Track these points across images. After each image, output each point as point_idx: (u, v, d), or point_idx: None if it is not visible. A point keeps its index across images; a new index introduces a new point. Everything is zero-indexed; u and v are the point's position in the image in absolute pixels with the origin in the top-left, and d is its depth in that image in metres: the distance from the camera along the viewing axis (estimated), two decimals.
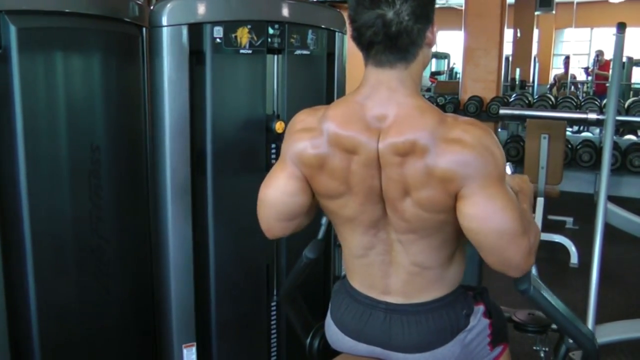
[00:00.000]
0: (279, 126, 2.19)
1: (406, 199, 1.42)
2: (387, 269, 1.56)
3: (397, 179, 1.40)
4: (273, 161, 2.22)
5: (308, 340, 1.83)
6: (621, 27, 2.89)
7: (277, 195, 1.56)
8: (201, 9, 2.01)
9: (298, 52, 2.26)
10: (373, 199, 1.47)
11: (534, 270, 1.69)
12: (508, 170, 1.70)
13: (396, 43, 1.37)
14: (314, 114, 1.51)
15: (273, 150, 2.25)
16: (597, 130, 7.75)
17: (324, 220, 1.81)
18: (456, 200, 1.38)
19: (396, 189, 1.42)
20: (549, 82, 13.69)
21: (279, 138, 2.15)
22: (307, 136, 1.49)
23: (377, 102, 1.42)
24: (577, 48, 16.28)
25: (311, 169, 1.50)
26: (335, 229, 1.65)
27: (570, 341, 1.86)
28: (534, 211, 4.60)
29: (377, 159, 1.42)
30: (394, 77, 1.41)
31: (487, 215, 1.36)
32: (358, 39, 1.41)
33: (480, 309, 1.63)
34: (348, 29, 1.46)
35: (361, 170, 1.44)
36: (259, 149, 2.22)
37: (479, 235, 1.38)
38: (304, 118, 1.53)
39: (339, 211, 1.53)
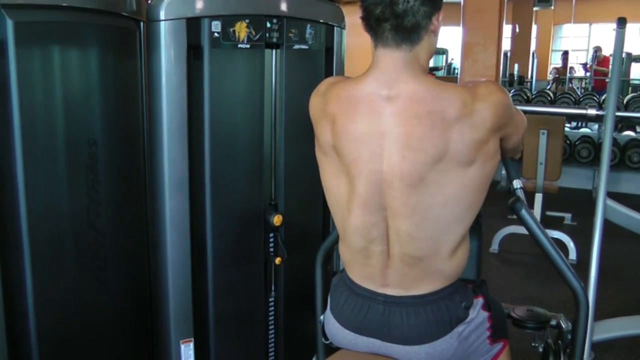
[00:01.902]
0: (276, 220, 2.24)
1: (437, 165, 1.45)
2: (386, 260, 1.56)
3: (428, 147, 1.44)
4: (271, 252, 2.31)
5: (322, 317, 1.82)
6: (621, 22, 2.88)
7: None
8: (199, 3, 2.00)
9: (296, 46, 2.26)
10: (369, 177, 1.50)
11: (522, 197, 1.86)
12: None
13: (402, 22, 1.44)
14: (331, 82, 1.63)
15: (271, 243, 2.30)
16: (596, 126, 7.75)
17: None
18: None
19: (420, 160, 1.45)
20: (548, 76, 13.67)
21: (277, 229, 2.28)
22: (315, 99, 1.64)
23: (385, 82, 1.48)
24: (575, 44, 16.27)
25: (314, 126, 1.64)
26: (333, 218, 1.67)
27: (569, 337, 1.86)
28: (532, 206, 4.61)
29: (380, 137, 1.47)
30: (400, 58, 1.48)
31: (520, 134, 1.68)
32: (366, 18, 1.48)
33: (479, 301, 1.63)
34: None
35: (355, 146, 1.50)
36: (257, 140, 2.21)
37: (514, 144, 1.68)
38: (323, 84, 1.65)
39: (328, 174, 1.62)
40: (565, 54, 12.81)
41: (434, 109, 1.44)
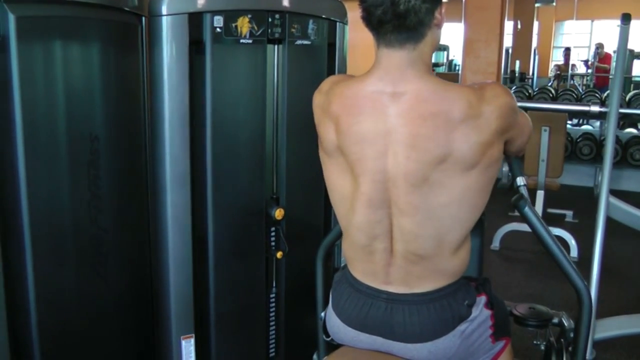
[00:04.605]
0: (278, 213, 2.24)
1: (440, 166, 1.43)
2: (389, 258, 1.56)
3: (431, 148, 1.43)
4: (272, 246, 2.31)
5: (323, 313, 1.81)
6: (626, 18, 2.87)
7: None
8: None
9: (299, 42, 2.25)
10: (372, 177, 1.49)
11: (525, 194, 1.85)
12: None
13: (404, 22, 1.41)
14: (334, 81, 1.60)
15: (272, 237, 2.31)
16: (598, 124, 7.73)
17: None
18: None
19: (423, 161, 1.43)
20: (549, 73, 13.65)
21: (278, 223, 2.27)
22: (318, 98, 1.61)
23: (389, 81, 1.46)
24: (577, 40, 16.25)
25: (317, 126, 1.62)
26: (336, 216, 1.66)
27: (572, 335, 1.85)
28: (533, 203, 4.61)
29: (385, 136, 1.45)
30: (404, 58, 1.45)
31: (525, 137, 1.67)
32: (367, 18, 1.45)
33: (482, 299, 1.62)
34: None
35: (360, 145, 1.48)
36: (258, 137, 2.20)
37: (519, 147, 1.67)
38: (325, 83, 1.62)
39: (332, 174, 1.60)
40: (567, 50, 12.78)
41: (439, 109, 1.42)
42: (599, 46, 11.90)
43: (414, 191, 1.46)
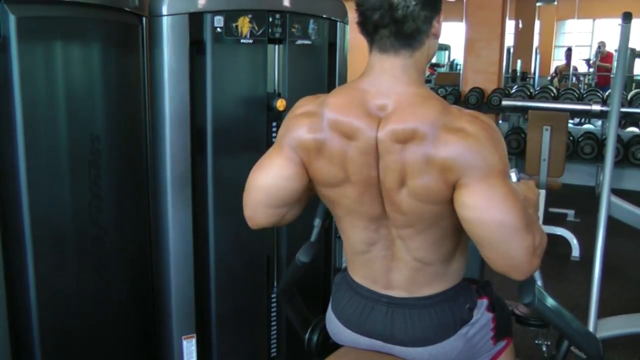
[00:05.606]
0: (280, 104, 2.19)
1: (402, 189, 1.40)
2: (389, 264, 1.54)
3: (394, 168, 1.38)
4: (274, 140, 2.19)
5: (307, 335, 1.81)
6: (627, 17, 2.87)
7: (270, 178, 1.54)
8: None
9: (299, 42, 2.25)
10: (371, 191, 1.45)
11: (539, 282, 1.64)
12: (513, 177, 1.65)
13: (402, 28, 1.37)
14: (314, 100, 1.51)
15: (274, 129, 2.24)
16: (599, 123, 7.72)
17: (316, 222, 1.77)
18: (454, 191, 1.35)
19: (393, 178, 1.39)
20: (550, 73, 13.63)
21: (280, 117, 2.15)
22: (306, 121, 1.47)
23: (379, 90, 1.41)
24: (579, 40, 16.23)
25: (309, 153, 1.47)
26: (336, 223, 1.64)
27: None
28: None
29: (375, 148, 1.40)
30: (398, 65, 1.41)
31: (487, 205, 1.31)
32: (363, 23, 1.41)
33: (483, 302, 1.61)
34: (354, 14, 1.45)
35: (359, 158, 1.42)
36: (259, 137, 2.20)
37: (478, 228, 1.33)
38: (304, 104, 1.52)
39: (339, 200, 1.51)
40: (569, 51, 12.77)
41: (409, 125, 1.35)
42: (601, 45, 11.88)
43: (403, 206, 1.43)
